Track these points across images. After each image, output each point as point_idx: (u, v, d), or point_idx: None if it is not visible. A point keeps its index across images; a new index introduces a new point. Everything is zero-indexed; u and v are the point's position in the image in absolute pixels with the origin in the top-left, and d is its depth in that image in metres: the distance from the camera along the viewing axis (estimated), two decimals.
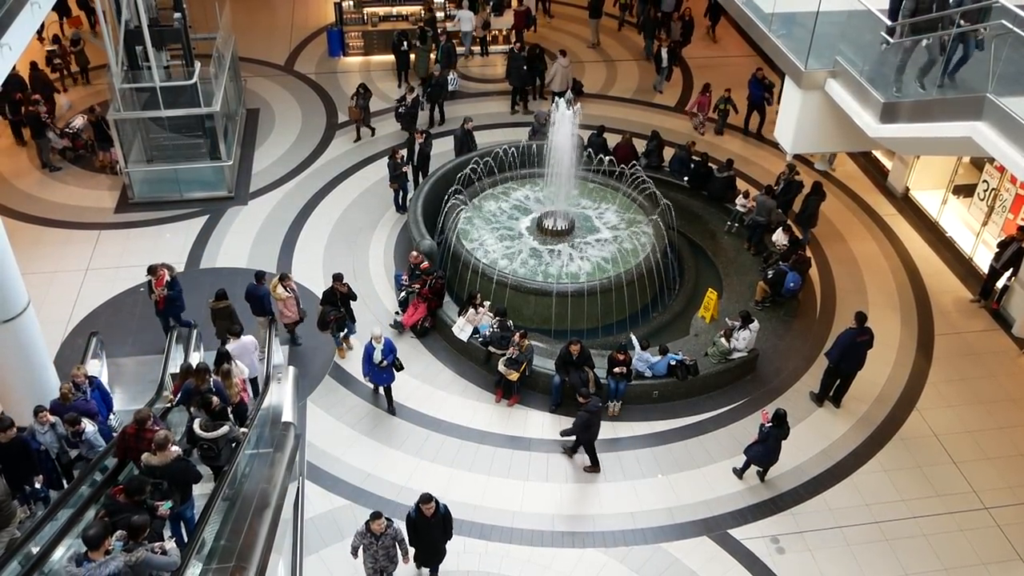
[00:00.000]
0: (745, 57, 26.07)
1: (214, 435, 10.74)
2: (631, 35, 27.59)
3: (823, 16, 13.02)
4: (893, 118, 11.99)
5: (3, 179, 20.15)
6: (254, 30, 26.75)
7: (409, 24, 25.74)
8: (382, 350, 14.32)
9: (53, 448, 11.53)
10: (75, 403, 11.99)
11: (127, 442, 10.56)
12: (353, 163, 21.20)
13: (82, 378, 12.52)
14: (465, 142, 20.28)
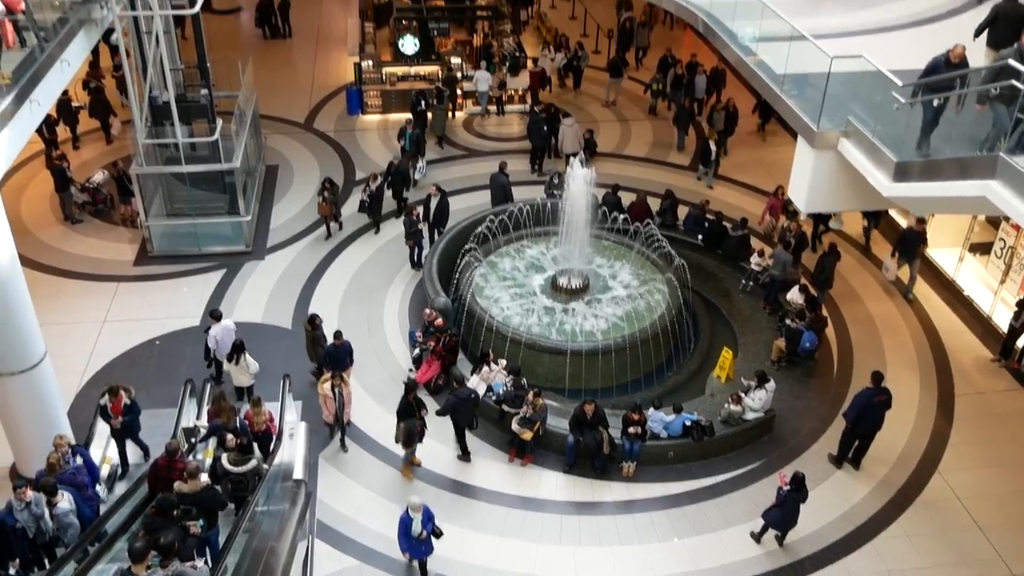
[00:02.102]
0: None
1: (242, 470, 11.29)
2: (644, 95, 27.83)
3: (835, 76, 13.12)
4: (906, 177, 12.00)
5: (26, 231, 20.41)
6: (275, 88, 27.21)
7: (427, 84, 26.12)
8: (421, 520, 12.44)
9: (30, 528, 11.00)
10: (63, 474, 11.70)
11: (159, 472, 11.35)
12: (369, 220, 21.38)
13: (65, 447, 12.14)
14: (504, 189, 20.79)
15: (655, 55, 28.42)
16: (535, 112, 24.22)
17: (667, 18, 32.75)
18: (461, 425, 15.05)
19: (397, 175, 21.40)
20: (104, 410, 13.93)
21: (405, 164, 22.00)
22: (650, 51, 29.81)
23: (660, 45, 29.18)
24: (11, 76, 13.60)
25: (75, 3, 17.03)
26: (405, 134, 22.67)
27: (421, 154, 22.96)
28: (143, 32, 18.70)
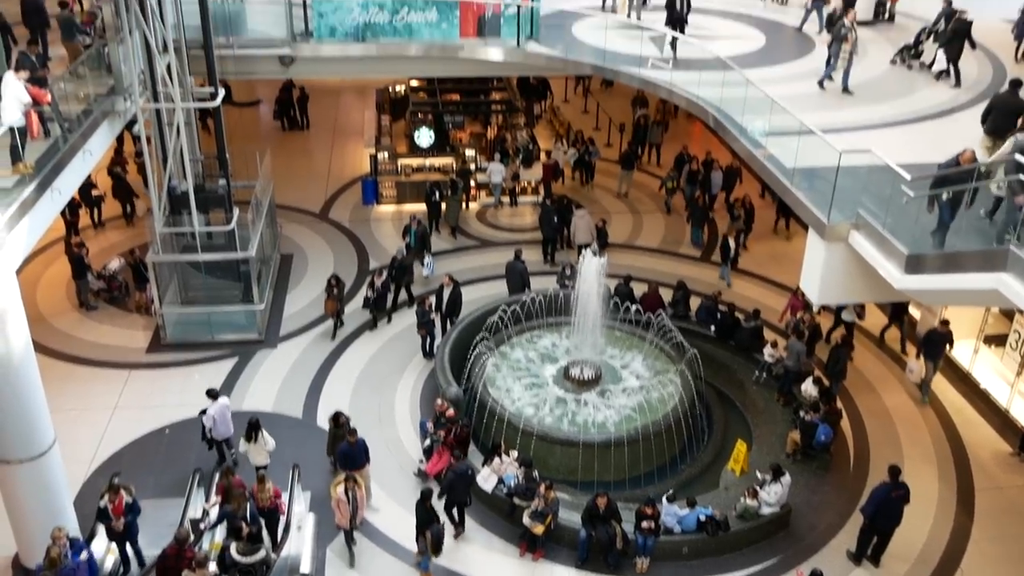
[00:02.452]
0: None
1: (251, 560, 11.21)
2: (656, 186, 28.13)
3: (844, 170, 13.28)
4: (918, 269, 12.02)
5: (41, 317, 20.56)
6: (292, 179, 27.67)
7: (441, 175, 26.53)
8: None
9: None
10: (63, 570, 11.57)
11: (167, 562, 11.42)
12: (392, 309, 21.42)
13: (63, 540, 12.00)
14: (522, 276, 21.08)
15: (671, 151, 28.66)
16: (547, 204, 24.52)
17: (678, 112, 33.27)
18: (455, 501, 15.00)
19: (400, 270, 21.41)
20: (103, 512, 13.49)
21: (410, 259, 21.99)
22: (665, 147, 30.11)
23: (676, 141, 29.46)
24: (34, 166, 13.91)
25: (100, 95, 17.54)
26: (410, 231, 22.76)
27: (427, 249, 22.99)
28: (165, 124, 19.16)
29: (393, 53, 22.41)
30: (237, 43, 21.27)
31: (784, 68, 21.25)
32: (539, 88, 32.96)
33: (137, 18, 17.35)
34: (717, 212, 26.08)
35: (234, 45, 21.18)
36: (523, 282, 21.18)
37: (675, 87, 19.70)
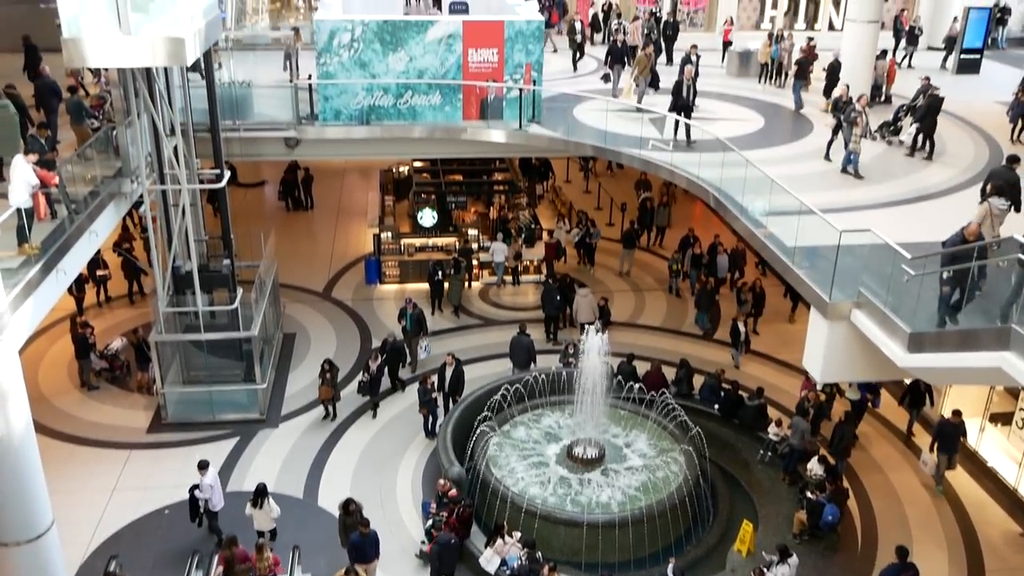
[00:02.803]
0: None
1: None
2: (660, 266, 28.29)
3: (844, 249, 13.38)
4: (921, 348, 12.02)
5: (42, 397, 20.49)
6: (296, 258, 27.86)
7: (444, 255, 26.72)
8: None
9: None
10: None
11: None
12: (384, 387, 21.34)
13: None
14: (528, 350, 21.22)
15: (676, 234, 28.56)
16: (550, 283, 24.63)
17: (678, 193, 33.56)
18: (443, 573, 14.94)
19: (392, 352, 21.11)
20: None
21: (402, 343, 21.67)
22: (671, 230, 29.94)
23: (682, 224, 29.21)
24: (40, 247, 14.06)
25: (107, 177, 17.82)
26: (406, 314, 22.38)
27: (424, 332, 22.74)
28: (170, 205, 19.40)
29: (397, 135, 22.82)
30: (243, 126, 21.68)
31: (783, 149, 21.59)
32: (541, 168, 33.40)
33: (145, 102, 17.71)
34: (724, 296, 25.97)
35: (240, 128, 21.59)
36: (529, 357, 21.21)
37: (676, 168, 19.99)
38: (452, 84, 22.51)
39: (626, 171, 31.91)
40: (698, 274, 26.19)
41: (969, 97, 26.44)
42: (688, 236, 27.02)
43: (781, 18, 35.24)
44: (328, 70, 22.25)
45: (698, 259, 26.55)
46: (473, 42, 22.44)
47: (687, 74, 21.66)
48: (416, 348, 22.43)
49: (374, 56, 22.18)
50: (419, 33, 22.25)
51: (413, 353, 22.33)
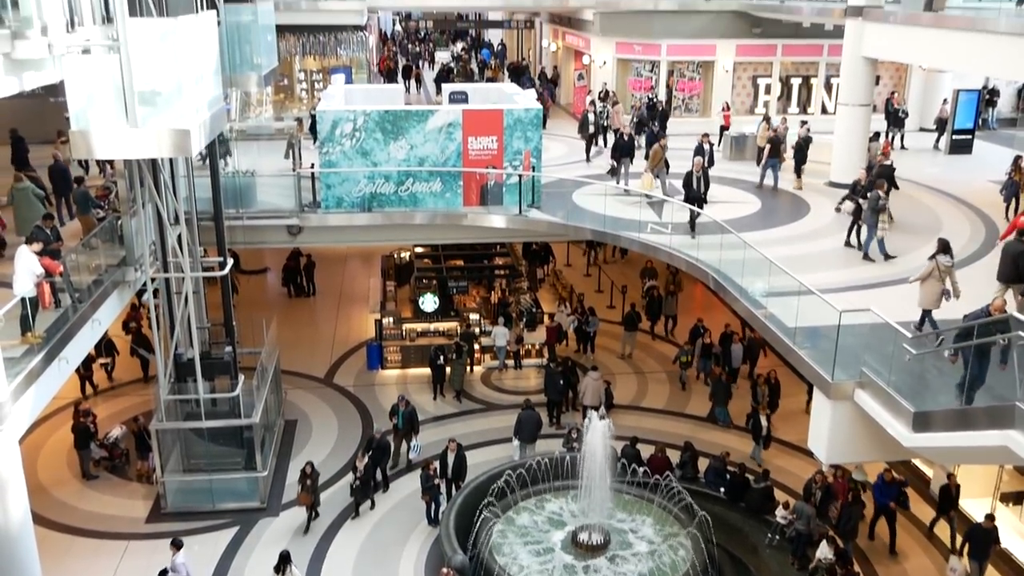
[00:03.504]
0: None
1: None
2: (662, 348, 28.26)
3: (845, 329, 13.40)
4: (926, 427, 11.94)
5: (41, 487, 20.25)
6: (298, 344, 27.86)
7: (445, 339, 26.73)
8: None
9: None
10: None
11: None
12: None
13: None
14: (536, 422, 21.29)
15: (685, 323, 27.98)
16: (552, 366, 24.58)
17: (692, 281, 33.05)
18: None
19: (378, 450, 20.48)
20: None
21: (387, 440, 21.13)
22: (681, 319, 29.09)
23: (690, 313, 28.60)
24: (43, 336, 14.10)
25: (111, 266, 17.97)
26: (398, 412, 21.76)
27: (415, 431, 21.92)
28: (173, 292, 19.51)
29: (398, 222, 23.12)
30: (247, 214, 21.95)
31: (781, 230, 21.82)
32: (542, 252, 33.66)
33: (150, 191, 17.97)
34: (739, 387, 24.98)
35: (244, 216, 21.86)
36: (537, 431, 21.32)
37: (675, 250, 20.16)
38: (453, 171, 22.88)
39: (632, 258, 32.09)
40: (707, 365, 25.60)
41: (963, 177, 26.83)
42: (698, 326, 26.22)
43: (775, 103, 35.97)
44: (330, 159, 22.66)
45: (708, 349, 25.80)
46: (473, 130, 22.91)
47: (696, 165, 21.69)
48: (406, 447, 21.74)
49: (375, 145, 22.62)
50: (420, 122, 22.72)
51: (400, 452, 21.69)
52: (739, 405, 23.66)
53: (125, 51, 13.25)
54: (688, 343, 26.29)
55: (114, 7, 13.54)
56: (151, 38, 13.63)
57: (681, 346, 26.63)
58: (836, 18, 27.44)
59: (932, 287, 14.85)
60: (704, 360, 25.74)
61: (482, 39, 72.63)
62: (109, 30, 14.82)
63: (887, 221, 19.03)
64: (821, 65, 35.72)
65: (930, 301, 14.98)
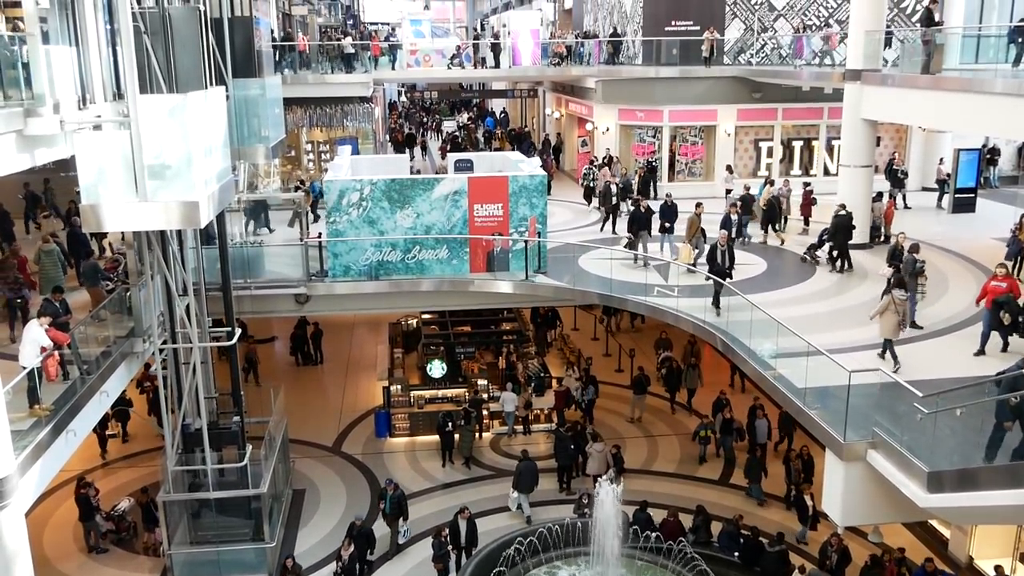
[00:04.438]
0: None
1: None
2: (681, 418, 28.05)
3: (855, 388, 13.34)
4: (941, 488, 11.79)
5: (46, 561, 20.03)
6: (306, 413, 27.77)
7: (454, 406, 26.61)
8: None
9: None
10: None
11: None
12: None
13: None
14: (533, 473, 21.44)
15: (707, 396, 26.66)
16: (561, 432, 24.42)
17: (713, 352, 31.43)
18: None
19: (360, 537, 19.74)
20: None
21: (369, 528, 20.50)
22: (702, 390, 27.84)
23: (714, 385, 27.54)
24: (51, 408, 14.10)
25: (119, 337, 18.03)
26: (386, 496, 21.19)
27: (404, 516, 21.24)
28: (181, 363, 19.52)
29: (405, 289, 23.22)
30: (254, 284, 22.07)
31: (787, 291, 21.83)
32: (549, 317, 33.67)
33: (159, 263, 18.12)
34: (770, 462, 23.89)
35: (252, 286, 21.97)
36: (535, 481, 21.66)
37: (681, 313, 20.17)
38: (459, 238, 23.05)
39: (649, 325, 31.79)
40: (729, 441, 24.43)
41: (967, 235, 26.92)
42: (720, 399, 25.15)
43: (777, 165, 36.30)
44: (337, 228, 22.86)
45: (729, 424, 24.34)
46: (478, 198, 23.14)
47: (722, 238, 21.04)
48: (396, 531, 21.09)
49: (382, 213, 22.83)
50: (426, 190, 22.97)
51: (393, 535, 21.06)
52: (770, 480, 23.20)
53: (136, 126, 13.50)
54: (708, 418, 25.43)
55: (125, 84, 13.83)
56: (161, 113, 13.89)
57: (701, 419, 25.92)
58: (835, 82, 27.81)
59: (890, 319, 16.64)
60: (725, 436, 24.50)
61: (486, 108, 73.77)
62: (120, 106, 15.12)
63: (926, 284, 18.89)
64: (822, 127, 36.11)
65: (890, 331, 16.74)
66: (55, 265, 20.02)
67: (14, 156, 12.95)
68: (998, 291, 16.62)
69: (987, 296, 16.91)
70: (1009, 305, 16.32)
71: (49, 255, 20.03)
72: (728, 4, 36.35)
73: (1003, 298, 16.40)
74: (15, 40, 13.23)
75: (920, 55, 22.97)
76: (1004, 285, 16.69)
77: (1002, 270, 17.24)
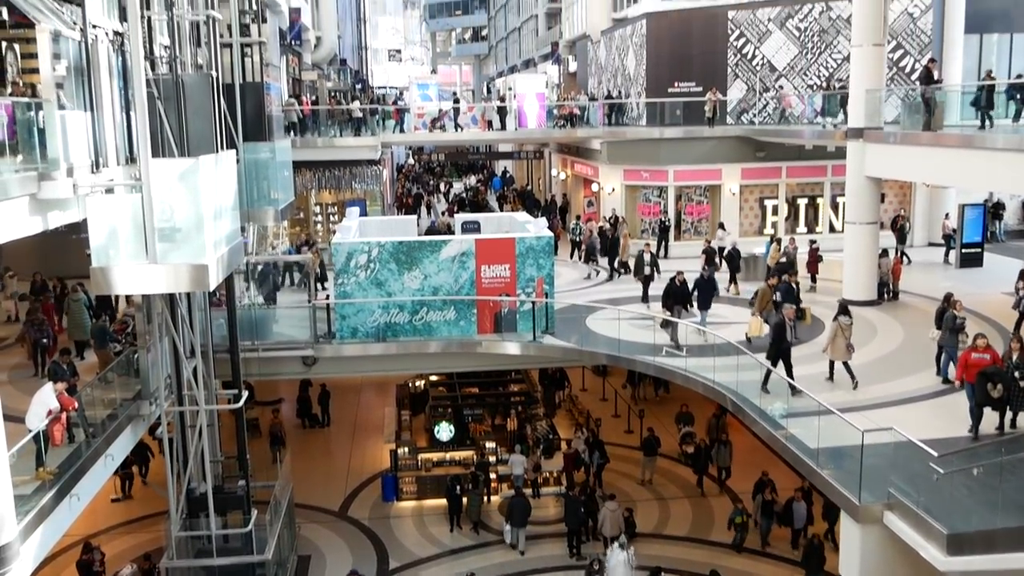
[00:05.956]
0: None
1: None
2: (683, 473, 27.72)
3: (870, 448, 13.17)
4: (962, 550, 11.55)
5: None
6: (312, 476, 27.49)
7: (462, 469, 26.33)
8: None
9: None
10: None
11: None
12: None
13: None
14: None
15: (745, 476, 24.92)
16: (571, 495, 24.10)
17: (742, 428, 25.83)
18: None
19: None
20: None
21: None
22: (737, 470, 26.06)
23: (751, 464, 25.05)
24: (55, 471, 13.97)
25: (126, 400, 17.94)
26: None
27: None
28: (187, 426, 19.39)
29: (413, 351, 23.17)
30: (262, 346, 22.03)
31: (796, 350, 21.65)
32: (557, 377, 33.50)
33: (167, 325, 18.11)
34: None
35: (259, 348, 21.93)
36: (527, 514, 22.40)
37: (691, 373, 20.03)
38: (466, 300, 23.05)
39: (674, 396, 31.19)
40: (769, 524, 22.74)
41: (976, 289, 26.84)
42: (762, 479, 23.14)
43: (782, 223, 36.40)
44: (345, 290, 22.90)
45: (770, 507, 22.68)
46: (486, 259, 23.20)
47: (788, 314, 19.66)
48: None
49: (390, 275, 22.88)
50: (433, 252, 23.04)
51: None
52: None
53: (147, 190, 13.59)
54: (741, 503, 23.75)
55: (138, 148, 13.97)
56: (172, 177, 14.00)
57: (735, 504, 24.14)
58: (837, 140, 28.03)
59: (839, 343, 18.54)
60: (766, 519, 22.80)
61: (493, 169, 74.49)
62: (132, 170, 15.27)
63: (967, 340, 17.84)
64: (826, 185, 36.28)
65: (840, 354, 18.63)
66: (82, 312, 21.61)
67: (27, 220, 13.03)
68: (982, 363, 15.53)
69: (970, 370, 15.74)
70: (999, 376, 15.17)
71: (77, 303, 21.64)
72: (730, 65, 36.91)
73: (991, 369, 15.25)
74: (32, 106, 13.40)
75: (921, 112, 23.19)
76: (987, 357, 15.70)
77: (983, 341, 16.01)
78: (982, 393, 15.21)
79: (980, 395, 15.27)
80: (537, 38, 70.97)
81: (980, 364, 15.54)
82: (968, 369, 15.82)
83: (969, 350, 16.23)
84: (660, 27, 38.72)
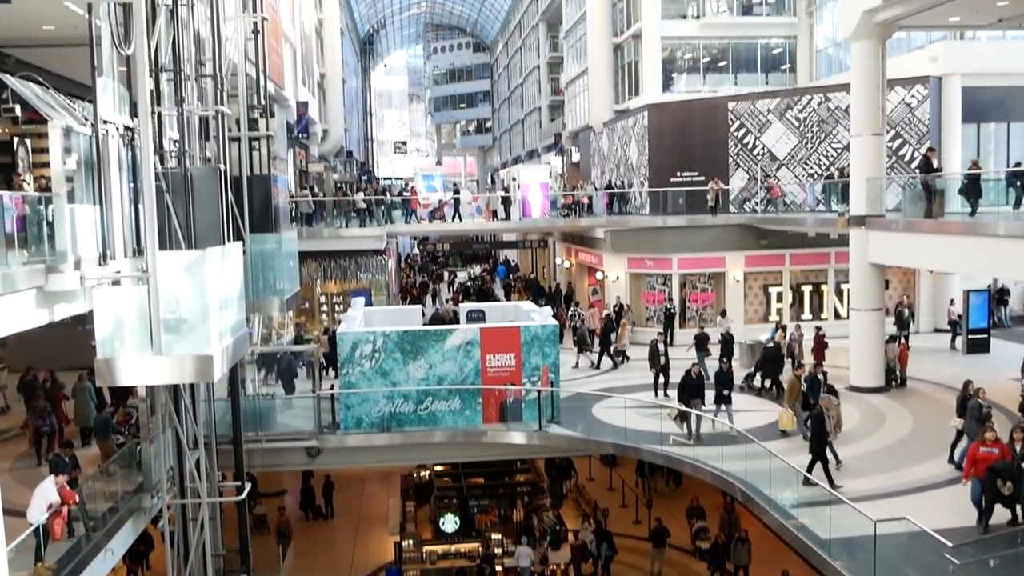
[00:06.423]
0: None
1: None
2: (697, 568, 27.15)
3: (883, 539, 12.94)
4: None
5: None
6: (314, 569, 26.92)
7: (467, 561, 25.85)
8: None
9: None
10: None
11: None
12: None
13: None
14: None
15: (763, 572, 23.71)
16: None
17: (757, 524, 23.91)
18: None
19: None
20: None
21: None
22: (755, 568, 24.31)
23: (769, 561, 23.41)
24: (53, 567, 13.74)
25: (127, 493, 17.75)
26: None
27: None
28: (189, 519, 19.11)
29: (418, 441, 22.99)
30: (266, 436, 21.89)
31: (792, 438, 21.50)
32: (563, 467, 33.11)
33: (170, 416, 18.01)
34: None
35: (263, 439, 21.78)
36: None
37: (699, 462, 19.81)
38: (471, 389, 22.96)
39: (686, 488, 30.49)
40: None
41: (984, 375, 26.63)
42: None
43: (787, 310, 36.44)
44: (350, 379, 22.83)
45: None
46: (491, 348, 23.19)
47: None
48: None
49: (395, 365, 22.85)
50: (438, 342, 23.05)
51: None
52: None
53: (154, 282, 13.69)
54: None
55: (145, 240, 14.12)
56: (179, 269, 14.10)
57: None
58: (840, 228, 28.26)
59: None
60: None
61: (497, 258, 75.07)
62: (139, 262, 15.40)
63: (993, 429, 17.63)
64: (830, 271, 36.42)
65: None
66: (86, 402, 21.57)
67: (33, 312, 13.11)
68: (991, 458, 15.11)
69: (978, 465, 15.28)
70: (1008, 472, 14.82)
71: (82, 391, 21.62)
72: (731, 155, 37.48)
73: (1000, 464, 14.89)
74: (42, 200, 13.61)
75: (922, 200, 23.43)
76: (996, 451, 15.22)
77: (992, 435, 15.56)
78: (992, 490, 14.85)
79: (991, 492, 14.88)
80: (540, 129, 72.33)
81: (989, 459, 15.13)
82: (977, 464, 15.37)
83: (977, 443, 15.78)
84: (661, 118, 39.51)
